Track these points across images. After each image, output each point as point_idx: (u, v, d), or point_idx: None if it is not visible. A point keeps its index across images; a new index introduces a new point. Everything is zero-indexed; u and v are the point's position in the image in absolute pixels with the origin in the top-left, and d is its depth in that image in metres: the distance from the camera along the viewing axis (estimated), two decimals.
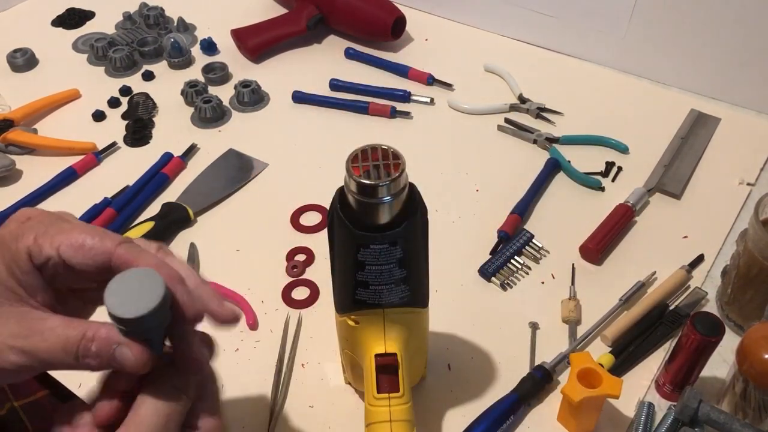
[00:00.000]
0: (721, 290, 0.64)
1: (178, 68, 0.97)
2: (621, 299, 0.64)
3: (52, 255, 0.37)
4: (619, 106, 0.88)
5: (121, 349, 0.35)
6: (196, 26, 1.05)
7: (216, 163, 0.81)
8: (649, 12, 0.86)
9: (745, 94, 0.86)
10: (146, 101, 0.91)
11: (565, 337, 0.62)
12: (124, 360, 0.36)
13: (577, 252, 0.70)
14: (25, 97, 0.89)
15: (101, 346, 0.35)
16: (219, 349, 0.63)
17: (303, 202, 0.76)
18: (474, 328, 0.64)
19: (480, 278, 0.68)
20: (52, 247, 0.37)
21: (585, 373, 0.52)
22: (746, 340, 0.49)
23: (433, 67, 0.94)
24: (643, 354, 0.61)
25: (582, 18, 0.92)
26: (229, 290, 0.66)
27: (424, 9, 1.05)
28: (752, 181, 0.77)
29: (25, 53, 0.96)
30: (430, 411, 0.57)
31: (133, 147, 0.84)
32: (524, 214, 0.73)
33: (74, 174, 0.80)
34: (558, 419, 0.56)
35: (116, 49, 0.97)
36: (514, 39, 1.00)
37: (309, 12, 0.99)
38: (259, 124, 0.88)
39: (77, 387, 0.59)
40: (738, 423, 0.48)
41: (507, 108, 0.88)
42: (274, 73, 0.95)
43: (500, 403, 0.56)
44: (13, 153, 0.82)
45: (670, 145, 0.82)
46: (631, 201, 0.73)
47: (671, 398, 0.57)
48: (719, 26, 0.82)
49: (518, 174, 0.78)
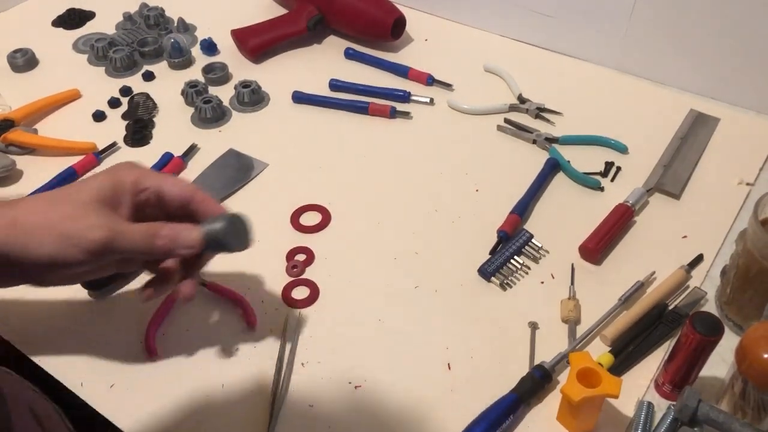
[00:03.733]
0: (720, 290, 0.64)
1: (179, 68, 0.97)
2: (620, 299, 0.64)
3: (149, 187, 0.53)
4: (618, 106, 0.88)
5: (186, 231, 0.52)
6: (196, 26, 1.05)
7: (216, 163, 0.82)
8: (648, 12, 0.86)
9: (745, 94, 0.86)
10: (146, 101, 0.91)
11: (564, 337, 0.62)
12: (185, 238, 0.52)
13: (577, 252, 0.70)
14: (26, 98, 0.89)
15: (169, 231, 0.51)
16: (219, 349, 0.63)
17: (303, 202, 0.76)
18: (474, 327, 0.64)
19: (480, 278, 0.68)
20: (151, 182, 0.53)
21: (584, 373, 0.52)
22: (745, 339, 0.49)
23: (432, 68, 0.94)
24: (643, 354, 0.61)
25: (581, 18, 0.92)
26: (229, 290, 0.66)
27: (424, 9, 1.05)
28: (751, 181, 0.77)
29: (26, 53, 0.96)
30: (429, 410, 0.58)
31: (134, 147, 0.84)
32: (524, 214, 0.73)
33: (74, 174, 0.80)
34: (557, 419, 0.56)
35: (116, 50, 0.97)
36: (514, 39, 1.00)
37: (309, 12, 0.99)
38: (259, 124, 0.88)
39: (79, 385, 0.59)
40: (737, 422, 0.48)
41: (506, 108, 0.88)
42: (274, 74, 0.96)
43: (500, 402, 0.56)
44: (14, 153, 0.82)
45: (669, 145, 0.82)
46: (630, 201, 0.73)
47: (670, 398, 0.57)
48: (719, 26, 0.82)
49: (518, 174, 0.78)
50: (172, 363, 0.61)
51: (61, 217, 0.49)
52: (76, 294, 0.67)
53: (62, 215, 0.49)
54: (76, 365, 0.61)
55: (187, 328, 0.64)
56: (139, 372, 0.61)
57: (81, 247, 0.48)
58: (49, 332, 0.64)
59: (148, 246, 0.51)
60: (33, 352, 0.62)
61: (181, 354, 0.62)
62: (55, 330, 0.64)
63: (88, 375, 0.60)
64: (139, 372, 0.61)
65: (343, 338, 0.63)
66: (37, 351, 0.62)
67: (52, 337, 0.63)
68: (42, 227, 0.49)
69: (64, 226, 0.49)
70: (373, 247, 0.71)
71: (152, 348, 0.62)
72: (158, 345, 0.62)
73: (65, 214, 0.49)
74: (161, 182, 0.53)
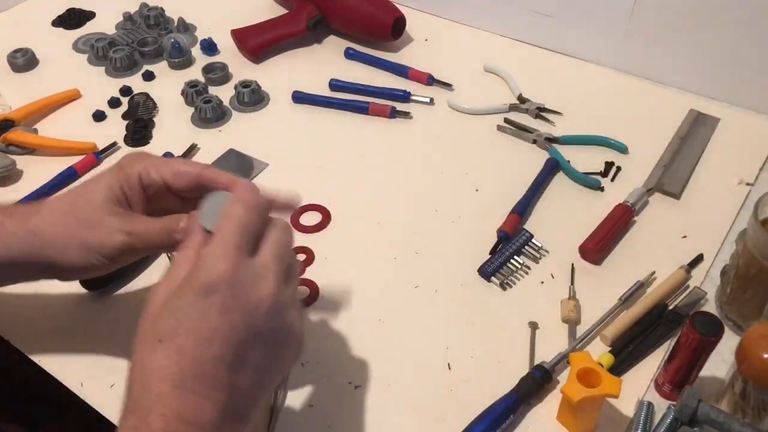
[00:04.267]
0: (720, 290, 0.64)
1: (179, 68, 0.97)
2: (620, 299, 0.64)
3: (156, 179, 0.52)
4: (618, 106, 0.88)
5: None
6: (196, 26, 1.05)
7: (216, 163, 0.82)
8: (648, 12, 0.86)
9: (745, 94, 0.86)
10: (146, 101, 0.91)
11: (564, 337, 0.62)
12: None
13: (577, 252, 0.70)
14: (26, 97, 0.89)
15: (185, 224, 0.50)
16: None
17: (303, 202, 0.76)
18: (474, 327, 0.64)
19: (480, 278, 0.68)
20: (158, 173, 0.52)
21: (584, 373, 0.52)
22: (745, 339, 0.49)
23: (432, 67, 0.94)
24: (643, 354, 0.61)
25: (581, 18, 0.92)
26: None
27: (424, 9, 1.05)
28: (751, 181, 0.77)
29: (26, 53, 0.96)
30: (429, 410, 0.58)
31: (134, 147, 0.84)
32: (524, 214, 0.73)
33: (74, 174, 0.80)
34: (557, 419, 0.56)
35: (116, 50, 0.97)
36: (514, 39, 1.00)
37: (309, 12, 0.99)
38: (259, 124, 0.88)
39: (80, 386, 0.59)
40: (737, 422, 0.48)
41: (506, 108, 0.88)
42: (274, 73, 0.96)
43: (500, 402, 0.56)
44: (14, 153, 0.82)
45: (669, 145, 0.82)
46: (630, 201, 0.73)
47: (670, 398, 0.57)
48: (719, 26, 0.82)
49: (518, 174, 0.78)
50: None
51: (80, 226, 0.51)
52: (76, 294, 0.67)
53: (81, 223, 0.51)
54: (76, 365, 0.61)
55: None
56: None
57: (103, 254, 0.51)
58: (49, 332, 0.64)
59: (167, 242, 0.51)
60: (33, 352, 0.62)
61: None
62: (55, 330, 0.64)
63: (88, 375, 0.60)
64: None
65: (343, 338, 0.63)
66: (37, 351, 0.62)
67: (52, 337, 0.63)
68: (63, 238, 0.51)
69: (84, 236, 0.51)
70: (373, 247, 0.71)
71: None
72: None
73: (83, 221, 0.51)
74: (166, 175, 0.52)
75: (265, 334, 0.43)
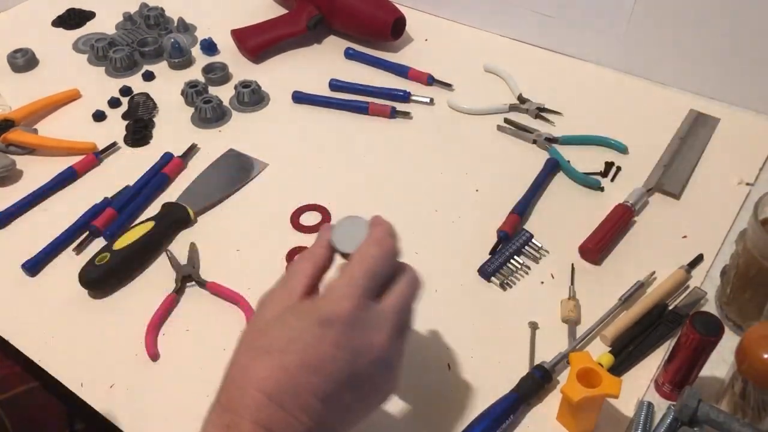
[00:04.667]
0: (720, 290, 0.64)
1: (179, 68, 0.97)
2: (620, 299, 0.64)
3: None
4: (618, 106, 0.88)
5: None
6: (196, 26, 1.05)
7: (216, 163, 0.82)
8: (648, 12, 0.86)
9: (745, 94, 0.86)
10: (146, 101, 0.91)
11: (564, 337, 0.62)
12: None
13: (577, 252, 0.70)
14: (26, 98, 0.89)
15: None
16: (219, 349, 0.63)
17: (303, 202, 0.76)
18: (474, 327, 0.64)
19: (480, 278, 0.68)
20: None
21: (584, 373, 0.52)
22: (745, 339, 0.49)
23: (432, 67, 0.94)
24: (643, 354, 0.61)
25: (581, 18, 0.92)
26: (229, 290, 0.66)
27: (424, 9, 1.05)
28: (751, 181, 0.77)
29: (26, 53, 0.96)
30: (430, 410, 0.58)
31: (134, 147, 0.84)
32: (524, 214, 0.73)
33: (74, 174, 0.80)
34: (557, 419, 0.56)
35: (116, 50, 0.97)
36: (514, 39, 1.00)
37: (309, 12, 0.99)
38: (259, 124, 0.88)
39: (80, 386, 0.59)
40: (737, 422, 0.48)
41: (506, 108, 0.88)
42: (274, 73, 0.96)
43: (500, 402, 0.56)
44: (14, 153, 0.82)
45: (669, 145, 0.82)
46: (630, 201, 0.73)
47: (670, 398, 0.57)
48: (719, 26, 0.82)
49: (518, 174, 0.78)
50: (172, 363, 0.61)
51: None
52: (76, 294, 0.67)
53: None
54: (76, 365, 0.61)
55: (187, 328, 0.64)
56: (139, 372, 0.61)
57: None
58: (49, 332, 0.64)
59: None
60: (33, 352, 0.62)
61: (181, 354, 0.62)
62: (55, 330, 0.64)
63: (88, 375, 0.60)
64: (139, 372, 0.61)
65: None
66: (37, 351, 0.62)
67: (52, 337, 0.63)
68: None
69: None
70: None
71: (152, 348, 0.62)
72: (158, 345, 0.62)
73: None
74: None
75: (364, 379, 0.44)
